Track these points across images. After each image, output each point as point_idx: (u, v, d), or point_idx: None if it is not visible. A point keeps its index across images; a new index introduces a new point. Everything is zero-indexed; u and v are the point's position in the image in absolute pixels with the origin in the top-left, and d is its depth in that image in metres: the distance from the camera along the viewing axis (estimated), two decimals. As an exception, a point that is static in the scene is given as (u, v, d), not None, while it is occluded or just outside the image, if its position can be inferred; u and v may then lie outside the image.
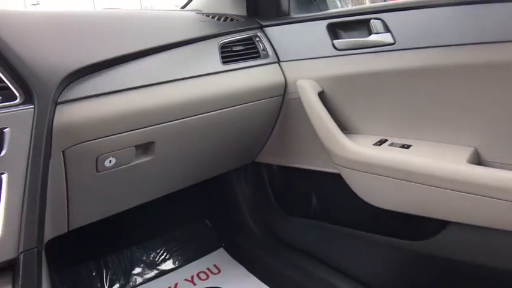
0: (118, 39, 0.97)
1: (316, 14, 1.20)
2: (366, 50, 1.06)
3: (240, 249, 1.65)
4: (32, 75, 0.77)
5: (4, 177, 0.72)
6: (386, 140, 1.07)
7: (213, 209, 1.79)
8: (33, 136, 0.74)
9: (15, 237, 0.72)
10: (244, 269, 1.58)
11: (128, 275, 1.53)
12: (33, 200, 0.73)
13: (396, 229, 1.11)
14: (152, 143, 1.01)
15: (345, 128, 1.15)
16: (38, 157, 0.74)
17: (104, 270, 1.51)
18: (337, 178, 1.16)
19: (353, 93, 1.10)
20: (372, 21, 1.05)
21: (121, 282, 1.50)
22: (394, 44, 1.01)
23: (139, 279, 1.53)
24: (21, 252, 0.72)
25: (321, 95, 1.14)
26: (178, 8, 1.61)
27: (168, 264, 1.61)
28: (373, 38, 1.04)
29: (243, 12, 1.34)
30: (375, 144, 1.06)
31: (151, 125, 0.97)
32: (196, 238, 1.72)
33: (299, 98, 1.17)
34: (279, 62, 1.23)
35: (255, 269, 1.55)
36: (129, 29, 1.01)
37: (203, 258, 1.65)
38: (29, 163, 0.74)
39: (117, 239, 1.58)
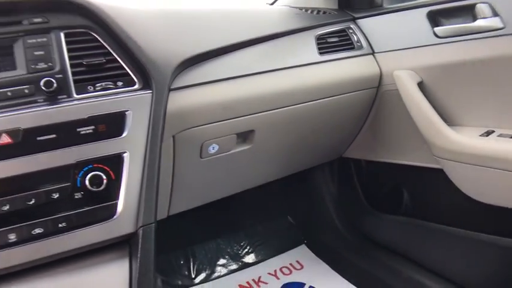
0: (223, 31, 1.01)
1: (413, 2, 1.16)
2: (470, 36, 1.01)
3: (323, 246, 1.64)
4: (150, 62, 0.81)
5: (126, 155, 0.76)
6: (494, 131, 1.01)
7: (295, 205, 1.79)
8: (151, 119, 0.79)
9: (134, 212, 0.76)
10: (328, 266, 1.56)
11: (213, 266, 1.57)
12: (152, 179, 0.77)
13: (503, 227, 1.05)
14: (252, 131, 1.03)
15: (445, 120, 1.10)
16: (155, 139, 0.79)
17: (192, 260, 1.56)
18: (434, 172, 1.11)
19: (456, 83, 1.05)
20: (478, 5, 1.00)
21: (207, 272, 1.55)
22: (503, 28, 0.95)
23: (224, 270, 1.57)
24: (140, 227, 0.76)
25: (420, 86, 1.10)
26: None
27: (251, 258, 1.63)
28: (479, 23, 0.99)
29: (334, 5, 1.33)
30: (481, 135, 1.01)
31: (252, 114, 0.99)
32: (279, 233, 1.73)
33: (396, 90, 1.13)
34: (373, 53, 1.20)
35: (339, 266, 1.53)
36: (232, 22, 1.05)
37: (285, 254, 1.66)
38: (148, 144, 0.78)
39: (203, 230, 1.63)
